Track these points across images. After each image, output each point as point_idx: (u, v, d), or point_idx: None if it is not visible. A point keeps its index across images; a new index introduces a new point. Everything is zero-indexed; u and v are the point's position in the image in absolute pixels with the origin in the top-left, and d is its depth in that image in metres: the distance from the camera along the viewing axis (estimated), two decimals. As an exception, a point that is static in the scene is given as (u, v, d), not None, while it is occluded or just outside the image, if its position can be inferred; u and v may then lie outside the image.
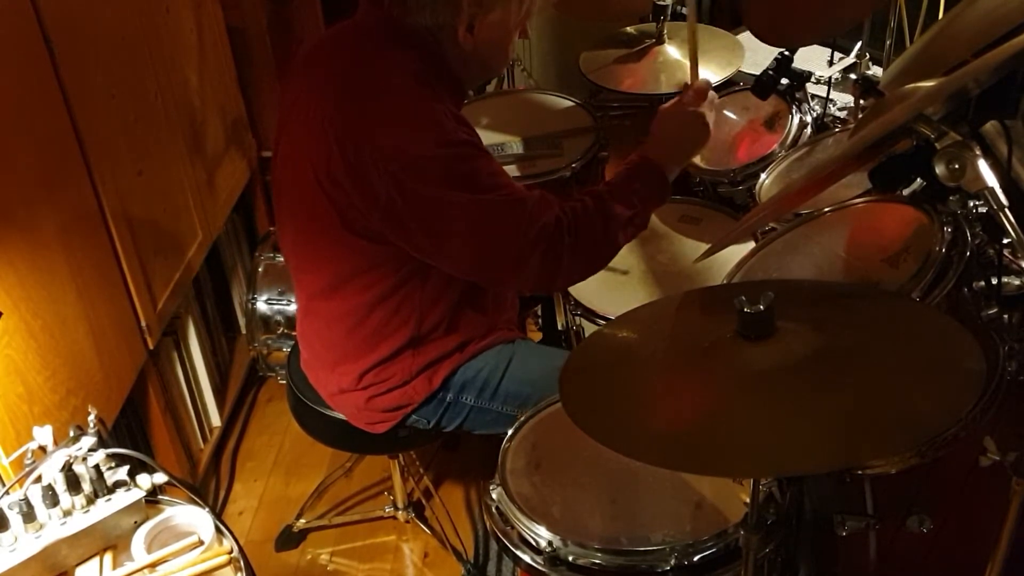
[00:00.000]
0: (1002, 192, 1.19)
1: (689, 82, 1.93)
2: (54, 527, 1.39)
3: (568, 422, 1.19)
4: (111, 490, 1.45)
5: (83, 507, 1.42)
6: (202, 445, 2.53)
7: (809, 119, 2.25)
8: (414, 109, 1.62)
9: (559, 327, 2.28)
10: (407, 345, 1.80)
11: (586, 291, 2.02)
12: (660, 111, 1.89)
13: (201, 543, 1.43)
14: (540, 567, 1.44)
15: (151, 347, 2.15)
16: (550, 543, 1.43)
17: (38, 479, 1.43)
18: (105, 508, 1.43)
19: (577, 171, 2.39)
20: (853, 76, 2.51)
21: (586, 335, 2.08)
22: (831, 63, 2.56)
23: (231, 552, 1.43)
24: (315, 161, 1.66)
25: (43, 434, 1.46)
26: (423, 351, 1.82)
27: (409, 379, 1.84)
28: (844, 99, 2.58)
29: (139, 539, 1.44)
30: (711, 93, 1.88)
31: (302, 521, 2.37)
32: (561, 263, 1.66)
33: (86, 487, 1.43)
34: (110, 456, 1.46)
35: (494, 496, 1.53)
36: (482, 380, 1.86)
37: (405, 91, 1.64)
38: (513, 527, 1.49)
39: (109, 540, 1.44)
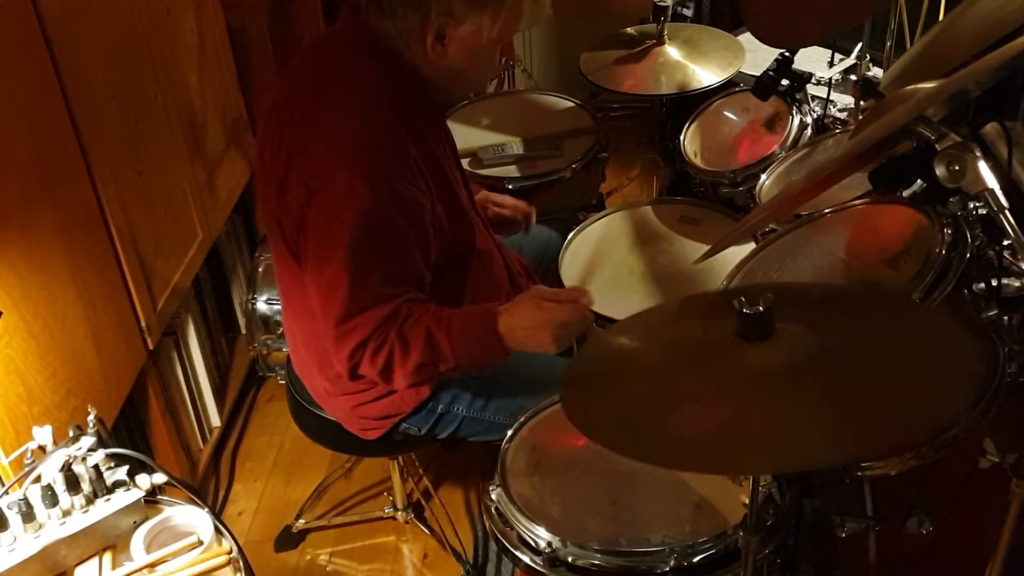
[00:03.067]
0: (1002, 194, 1.19)
1: (590, 303, 1.72)
2: (53, 527, 1.39)
3: (568, 423, 1.19)
4: (110, 490, 1.45)
5: (82, 507, 1.42)
6: (202, 445, 2.52)
7: (809, 120, 2.25)
8: (362, 134, 1.59)
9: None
10: None
11: (586, 292, 2.02)
12: (534, 290, 1.73)
13: (200, 543, 1.43)
14: (539, 568, 1.44)
15: (151, 347, 2.15)
16: (549, 544, 1.43)
17: (37, 479, 1.42)
18: (104, 508, 1.43)
19: (577, 171, 2.39)
20: (853, 77, 2.51)
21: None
22: (831, 64, 2.56)
23: (230, 552, 1.43)
24: (271, 167, 1.67)
25: (43, 434, 1.45)
26: None
27: (395, 389, 1.80)
28: (844, 100, 2.58)
29: (138, 539, 1.44)
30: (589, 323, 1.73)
31: (301, 521, 2.36)
32: (365, 353, 1.61)
33: (85, 487, 1.43)
34: (109, 456, 1.46)
35: (493, 497, 1.53)
36: (473, 390, 1.84)
37: (363, 108, 1.61)
38: (512, 528, 1.49)
39: (108, 540, 1.44)
